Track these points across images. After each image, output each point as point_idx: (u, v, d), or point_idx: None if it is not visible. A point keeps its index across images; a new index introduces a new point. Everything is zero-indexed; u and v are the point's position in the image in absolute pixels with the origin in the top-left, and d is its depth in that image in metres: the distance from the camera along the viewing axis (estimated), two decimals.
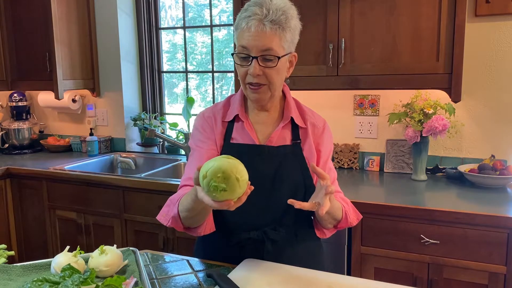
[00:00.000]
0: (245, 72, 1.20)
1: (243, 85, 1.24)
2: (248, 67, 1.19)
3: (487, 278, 1.71)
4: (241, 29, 1.18)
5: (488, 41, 2.17)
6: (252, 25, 1.15)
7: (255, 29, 1.15)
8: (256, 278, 1.12)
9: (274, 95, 1.26)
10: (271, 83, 1.21)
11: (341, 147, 2.51)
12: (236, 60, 1.21)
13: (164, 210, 1.27)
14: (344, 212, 1.27)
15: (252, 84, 1.21)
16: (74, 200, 2.55)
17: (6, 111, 3.31)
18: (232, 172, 0.93)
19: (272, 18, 1.15)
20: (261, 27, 1.15)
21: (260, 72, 1.18)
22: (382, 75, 2.06)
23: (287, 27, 1.18)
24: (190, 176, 1.27)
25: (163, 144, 3.16)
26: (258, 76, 1.19)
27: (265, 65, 1.18)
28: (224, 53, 3.10)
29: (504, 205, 1.80)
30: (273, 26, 1.15)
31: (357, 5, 2.05)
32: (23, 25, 2.90)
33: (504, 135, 2.20)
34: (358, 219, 1.33)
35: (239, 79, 1.24)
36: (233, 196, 0.95)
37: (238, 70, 1.23)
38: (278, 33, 1.16)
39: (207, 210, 1.16)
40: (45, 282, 0.96)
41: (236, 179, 0.93)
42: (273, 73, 1.20)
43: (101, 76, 3.15)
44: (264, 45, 1.16)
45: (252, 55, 1.17)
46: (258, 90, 1.21)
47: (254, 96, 1.23)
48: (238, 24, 1.20)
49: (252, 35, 1.16)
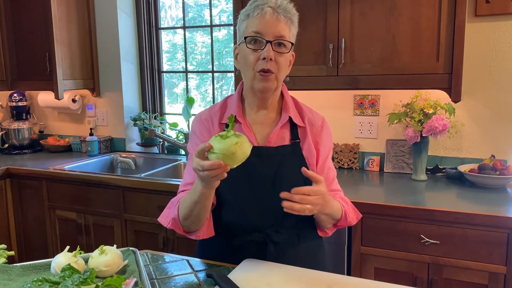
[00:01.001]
0: (256, 58, 1.19)
1: (252, 73, 1.21)
2: (260, 52, 1.19)
3: (487, 278, 1.71)
4: (253, 17, 1.20)
5: (488, 41, 2.17)
6: (266, 12, 1.18)
7: (270, 16, 1.18)
8: (256, 278, 1.12)
9: (277, 88, 1.27)
10: (279, 71, 1.21)
11: (341, 147, 2.51)
12: (248, 45, 1.20)
13: (165, 212, 1.28)
14: (344, 212, 1.27)
15: (263, 71, 1.20)
16: (74, 200, 2.55)
17: (6, 111, 3.31)
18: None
19: (285, 8, 1.20)
20: (276, 15, 1.18)
21: (273, 56, 1.18)
22: (382, 75, 2.05)
23: (294, 21, 1.23)
24: (189, 181, 1.27)
25: (163, 144, 3.16)
26: (271, 62, 1.18)
27: (278, 51, 1.19)
28: (224, 53, 3.09)
29: (504, 205, 1.80)
30: (286, 15, 1.20)
31: (357, 5, 2.05)
32: (23, 25, 2.90)
33: (504, 135, 2.20)
34: (357, 218, 1.33)
35: (247, 68, 1.22)
36: (229, 160, 1.00)
37: (247, 57, 1.21)
38: (289, 24, 1.21)
39: (205, 205, 1.14)
40: (45, 282, 0.96)
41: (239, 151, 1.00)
42: (283, 61, 1.21)
43: (101, 76, 3.15)
44: (279, 32, 1.18)
45: (266, 39, 1.18)
46: (267, 77, 1.20)
47: (262, 85, 1.22)
48: (249, 13, 1.21)
49: (267, 21, 1.18)
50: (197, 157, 1.04)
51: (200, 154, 1.03)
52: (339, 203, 1.27)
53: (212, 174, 1.01)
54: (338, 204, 1.26)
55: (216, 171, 1.00)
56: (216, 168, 0.99)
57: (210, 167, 0.99)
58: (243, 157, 1.01)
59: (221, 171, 1.00)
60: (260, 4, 1.19)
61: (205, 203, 1.15)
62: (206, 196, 1.12)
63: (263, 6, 1.18)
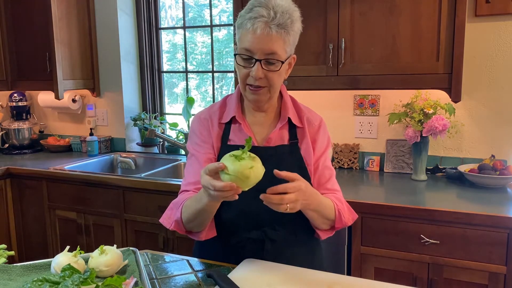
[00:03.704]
0: (247, 74, 1.19)
1: (243, 85, 1.23)
2: (250, 69, 1.18)
3: (487, 278, 1.71)
4: (245, 30, 1.15)
5: (488, 41, 2.17)
6: (258, 27, 1.12)
7: (261, 32, 1.13)
8: (256, 278, 1.12)
9: (272, 97, 1.26)
10: (272, 85, 1.20)
11: (341, 147, 2.51)
12: (239, 61, 1.20)
13: (167, 213, 1.28)
14: (338, 211, 1.25)
15: (252, 86, 1.20)
16: (74, 200, 2.55)
17: (6, 111, 3.31)
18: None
19: (279, 21, 1.13)
20: (267, 30, 1.12)
21: (263, 75, 1.17)
22: (382, 75, 2.06)
23: (291, 30, 1.17)
24: (190, 181, 1.28)
25: (163, 144, 3.16)
26: (260, 79, 1.18)
27: (268, 69, 1.17)
28: (224, 53, 3.10)
29: (504, 205, 1.80)
30: (279, 30, 1.13)
31: (357, 5, 2.05)
32: (23, 25, 2.90)
33: (504, 135, 2.20)
34: (353, 219, 1.32)
35: (239, 79, 1.23)
36: (242, 183, 0.98)
37: (239, 71, 1.22)
38: (283, 36, 1.15)
39: (210, 212, 1.16)
40: (45, 282, 0.96)
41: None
42: (275, 76, 1.19)
43: (101, 76, 3.15)
44: (269, 49, 1.14)
45: (255, 58, 1.16)
46: (258, 92, 1.21)
47: (253, 97, 1.23)
48: (242, 23, 1.17)
49: (258, 38, 1.13)
50: (207, 174, 1.02)
51: (211, 172, 1.01)
52: (331, 201, 1.25)
53: (223, 195, 1.00)
54: (330, 202, 1.25)
55: (227, 192, 0.99)
56: (228, 190, 0.98)
57: (222, 188, 0.98)
58: (256, 181, 1.00)
59: (232, 193, 1.00)
60: (252, 17, 1.13)
61: (210, 213, 1.16)
62: (212, 207, 1.14)
63: (255, 20, 1.13)
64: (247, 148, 1.01)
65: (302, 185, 1.10)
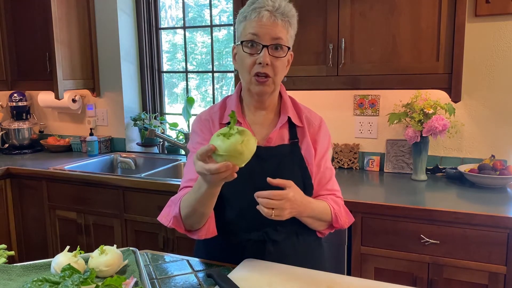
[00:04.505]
0: (253, 62, 1.19)
1: (248, 77, 1.22)
2: (256, 56, 1.19)
3: (487, 278, 1.71)
4: (250, 19, 1.19)
5: (488, 41, 2.17)
6: (263, 15, 1.17)
7: (267, 19, 1.17)
8: (256, 278, 1.12)
9: (275, 90, 1.26)
10: (276, 75, 1.21)
11: (341, 147, 2.51)
12: (245, 49, 1.20)
13: (165, 211, 1.27)
14: (334, 214, 1.27)
15: (259, 75, 1.20)
16: (74, 200, 2.55)
17: (6, 111, 3.31)
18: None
19: (283, 11, 1.18)
20: (273, 18, 1.17)
21: (269, 61, 1.18)
22: (382, 75, 2.06)
23: (293, 23, 1.22)
24: (190, 178, 1.27)
25: (163, 144, 3.16)
26: (267, 66, 1.18)
27: (274, 55, 1.19)
28: (224, 53, 3.10)
29: (504, 205, 1.80)
30: (284, 19, 1.19)
31: (357, 5, 2.05)
32: (23, 25, 2.90)
33: (504, 135, 2.20)
34: (350, 222, 1.33)
35: (243, 70, 1.22)
36: (237, 160, 0.95)
37: (244, 60, 1.21)
38: (287, 26, 1.20)
39: (210, 202, 1.13)
40: (45, 282, 0.96)
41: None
42: (280, 65, 1.21)
43: (101, 76, 3.15)
44: (276, 34, 1.18)
45: (262, 44, 1.18)
46: (264, 83, 1.21)
47: (259, 89, 1.22)
48: (246, 15, 1.20)
49: (264, 24, 1.17)
50: (199, 160, 0.99)
51: (202, 157, 0.98)
52: (327, 204, 1.26)
53: (221, 176, 0.97)
54: (326, 206, 1.26)
55: (225, 173, 0.96)
56: (224, 170, 0.95)
57: (217, 170, 0.95)
58: (251, 154, 0.96)
59: (230, 173, 0.97)
60: (257, 7, 1.18)
61: (210, 201, 1.14)
62: (212, 195, 1.11)
63: (260, 9, 1.17)
64: (233, 124, 0.96)
65: (289, 194, 1.09)
